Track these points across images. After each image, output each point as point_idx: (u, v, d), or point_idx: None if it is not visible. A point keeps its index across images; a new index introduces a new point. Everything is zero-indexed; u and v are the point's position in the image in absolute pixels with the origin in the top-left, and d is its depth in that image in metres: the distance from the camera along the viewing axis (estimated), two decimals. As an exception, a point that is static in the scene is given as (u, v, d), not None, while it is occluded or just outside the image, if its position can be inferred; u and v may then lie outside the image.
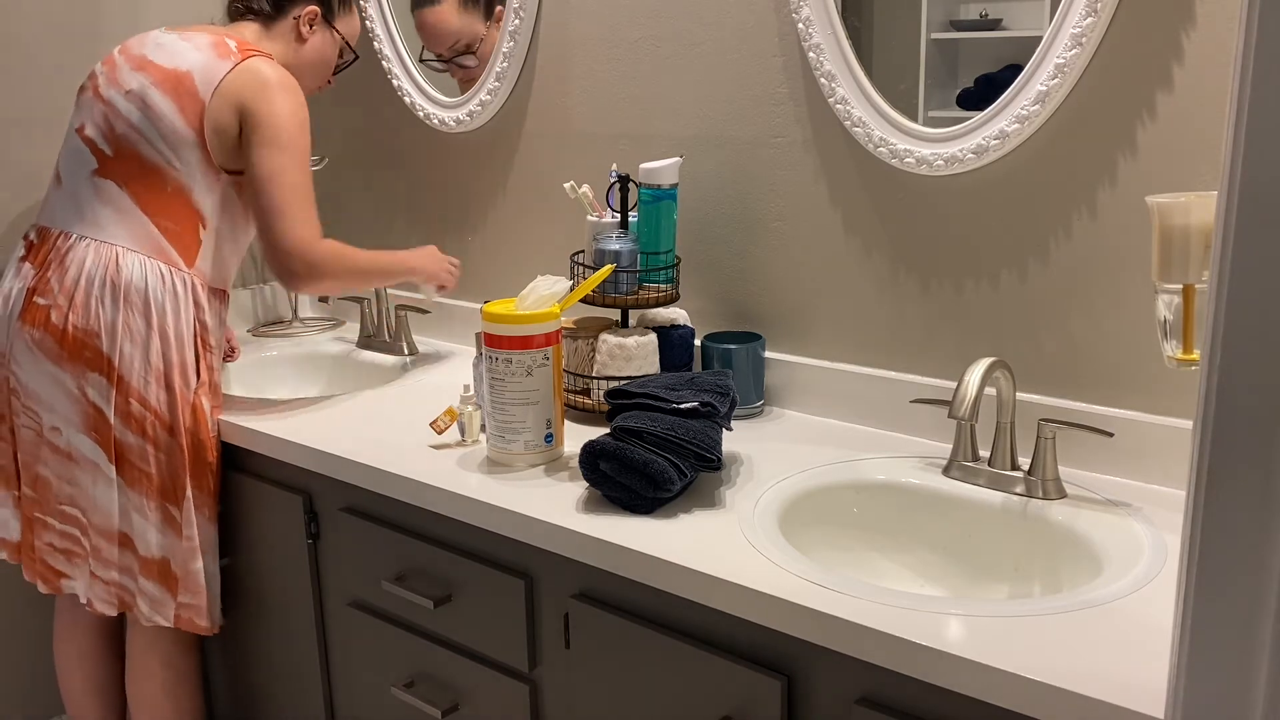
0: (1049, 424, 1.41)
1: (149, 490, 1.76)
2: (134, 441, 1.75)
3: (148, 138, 1.75)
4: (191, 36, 1.81)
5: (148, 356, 1.74)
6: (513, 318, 1.53)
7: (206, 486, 1.82)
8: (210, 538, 1.84)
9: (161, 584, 1.81)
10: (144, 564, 1.79)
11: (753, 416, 1.76)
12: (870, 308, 1.69)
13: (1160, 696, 0.96)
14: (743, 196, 1.79)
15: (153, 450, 1.76)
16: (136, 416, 1.74)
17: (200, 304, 1.79)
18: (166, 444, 1.77)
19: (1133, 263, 1.44)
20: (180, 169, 1.76)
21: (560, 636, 1.45)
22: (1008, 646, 1.07)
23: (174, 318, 1.76)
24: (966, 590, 1.42)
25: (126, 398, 1.73)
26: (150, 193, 1.76)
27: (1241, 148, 0.67)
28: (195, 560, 1.81)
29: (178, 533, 1.79)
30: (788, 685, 1.22)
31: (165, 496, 1.78)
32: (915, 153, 1.57)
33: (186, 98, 1.75)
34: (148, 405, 1.74)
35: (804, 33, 1.64)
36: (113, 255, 1.74)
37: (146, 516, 1.77)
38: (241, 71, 1.76)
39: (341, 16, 1.97)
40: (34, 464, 1.80)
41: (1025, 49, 1.45)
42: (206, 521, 1.83)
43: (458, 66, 2.13)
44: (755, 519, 1.37)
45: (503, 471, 1.56)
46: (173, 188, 1.76)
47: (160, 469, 1.77)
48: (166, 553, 1.79)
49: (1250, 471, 0.70)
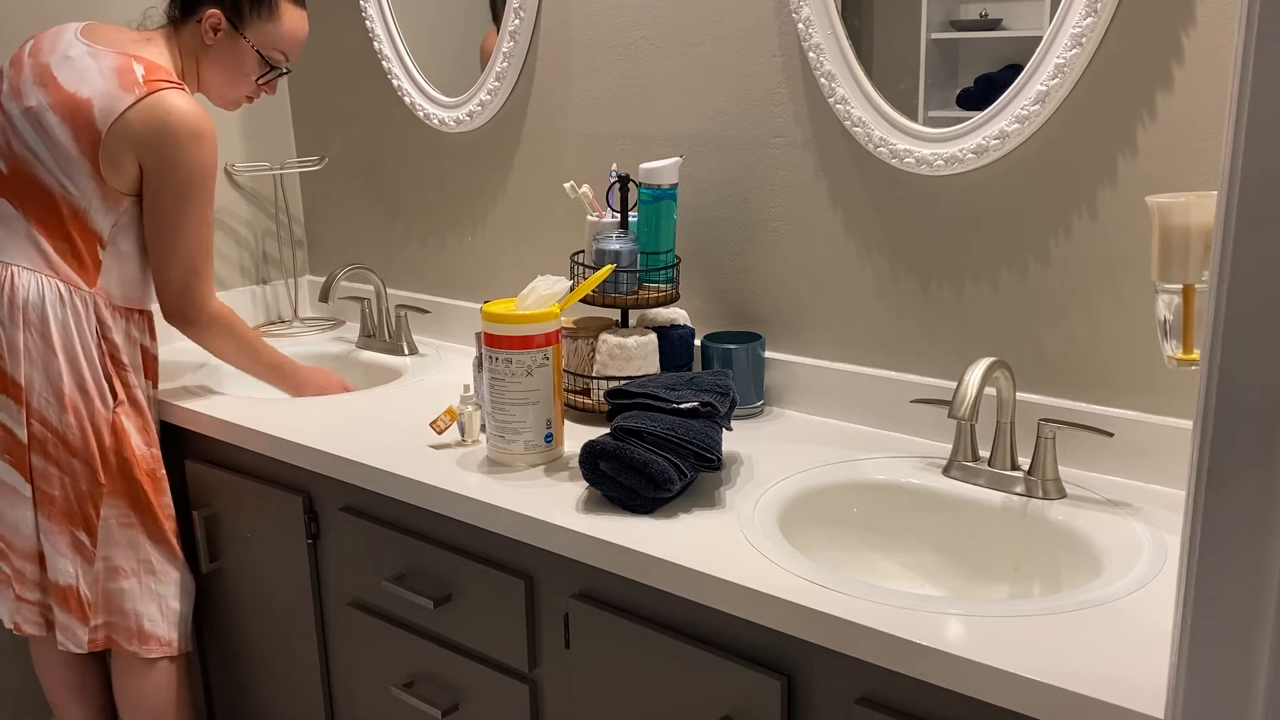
0: (1049, 424, 1.41)
1: (54, 514, 1.75)
2: (39, 464, 1.74)
3: (43, 161, 1.70)
4: (100, 55, 1.71)
5: (48, 376, 1.71)
6: (513, 318, 1.53)
7: (142, 504, 1.79)
8: (152, 556, 1.82)
9: (66, 610, 1.79)
10: (54, 589, 1.79)
11: (753, 416, 1.76)
12: (870, 308, 1.69)
13: (1160, 696, 0.96)
14: (743, 196, 1.79)
15: (56, 472, 1.74)
16: (39, 438, 1.73)
17: (105, 322, 1.76)
18: (69, 466, 1.74)
19: (1133, 263, 1.44)
20: (75, 194, 1.71)
21: (560, 636, 1.45)
22: (1008, 646, 1.07)
23: (77, 336, 1.72)
24: (966, 590, 1.42)
25: (31, 420, 1.72)
26: (45, 214, 1.72)
27: (1241, 148, 0.67)
28: (115, 580, 1.80)
29: (87, 557, 1.77)
30: (788, 685, 1.22)
31: (72, 521, 1.76)
32: (915, 153, 1.57)
33: (83, 127, 1.68)
34: (49, 426, 1.72)
35: (804, 33, 1.64)
36: (8, 274, 1.71)
37: (54, 541, 1.76)
38: (144, 110, 1.68)
39: (254, 24, 1.81)
40: None
41: (1025, 49, 1.45)
42: (144, 540, 1.81)
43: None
44: (755, 519, 1.37)
45: (503, 471, 1.56)
46: (69, 210, 1.72)
47: (66, 492, 1.75)
48: (74, 579, 1.78)
49: (1250, 471, 0.70)
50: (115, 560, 1.80)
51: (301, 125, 2.47)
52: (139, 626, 1.83)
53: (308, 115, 2.46)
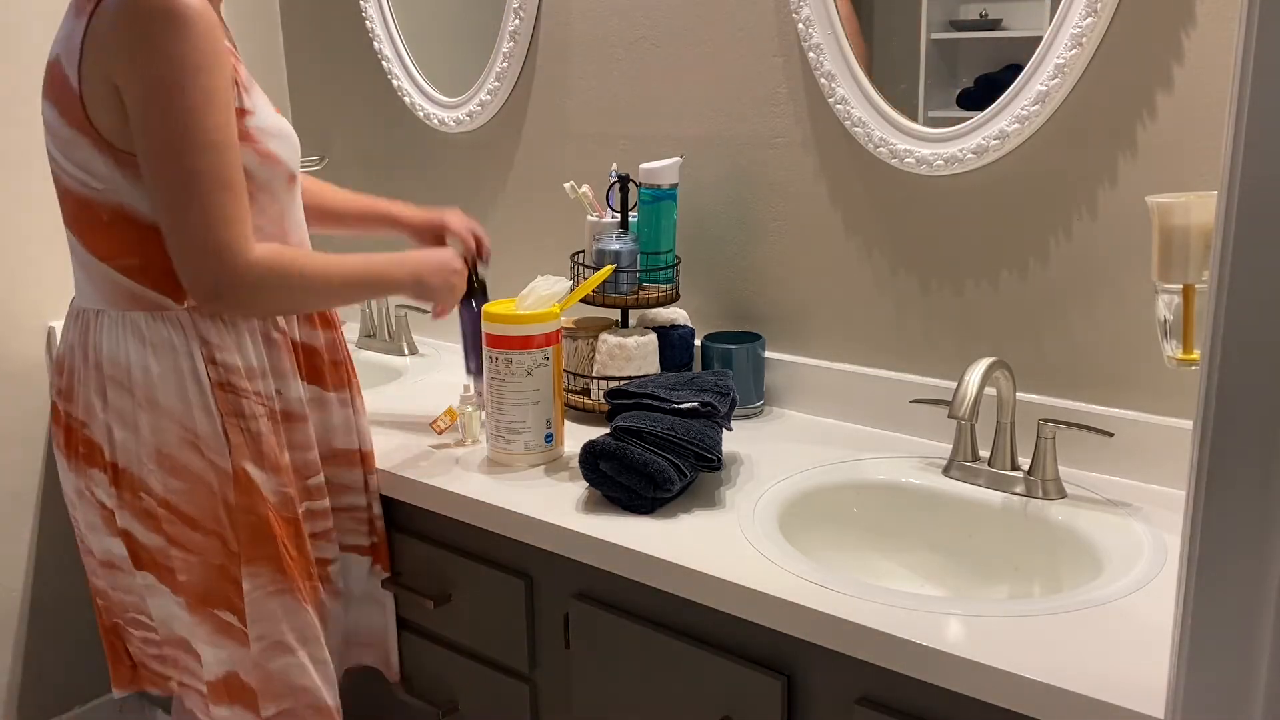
0: (1049, 424, 1.41)
1: (189, 599, 1.40)
2: (158, 544, 1.40)
3: (61, 165, 1.36)
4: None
5: (139, 436, 1.37)
6: (513, 318, 1.53)
7: (285, 566, 1.42)
8: (301, 622, 1.44)
9: (235, 704, 1.44)
10: (210, 686, 1.43)
11: (753, 416, 1.76)
12: (870, 308, 1.69)
13: (1160, 696, 0.96)
14: (743, 196, 1.79)
15: (178, 551, 1.39)
16: (151, 513, 1.39)
17: (210, 341, 1.37)
18: (190, 540, 1.38)
19: (1133, 263, 1.44)
20: (101, 187, 1.33)
21: (560, 636, 1.45)
22: (1008, 646, 1.07)
23: (173, 376, 1.36)
24: (966, 590, 1.42)
25: (134, 492, 1.39)
26: (93, 232, 1.36)
27: (1241, 148, 0.67)
28: (276, 658, 1.43)
29: (240, 640, 1.42)
30: (788, 685, 1.22)
31: (210, 602, 1.40)
32: (915, 153, 1.57)
33: (61, 92, 1.32)
34: (154, 496, 1.38)
35: (804, 33, 1.64)
36: (82, 322, 1.41)
37: (196, 632, 1.42)
38: (99, 21, 1.26)
39: None
40: (94, 574, 1.52)
41: (1025, 49, 1.45)
42: (295, 604, 1.44)
43: None
44: (755, 519, 1.37)
45: (503, 471, 1.56)
46: (109, 214, 1.34)
47: (193, 572, 1.39)
48: (234, 666, 1.43)
49: (1250, 471, 0.70)
50: (272, 635, 1.43)
51: (302, 125, 2.47)
52: (315, 702, 1.47)
53: (308, 115, 2.46)
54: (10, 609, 2.19)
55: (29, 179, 2.10)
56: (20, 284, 2.14)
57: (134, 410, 1.37)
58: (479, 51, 2.09)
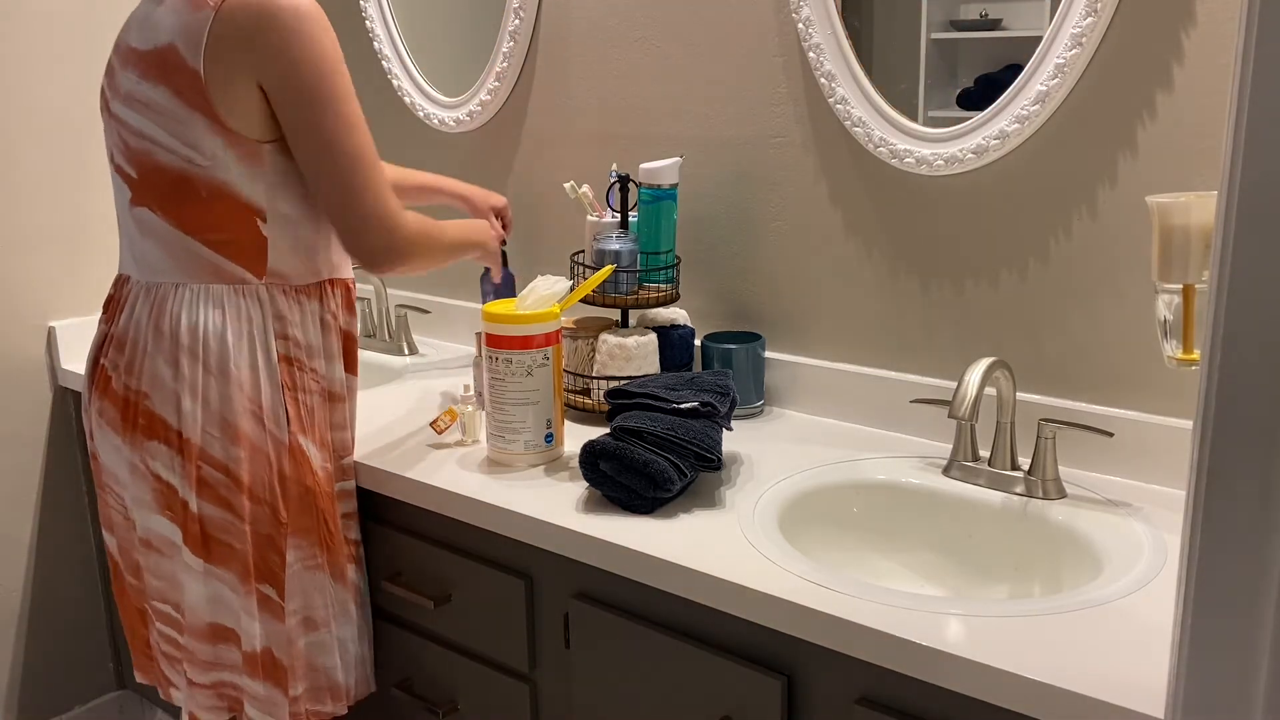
0: (1049, 424, 1.41)
1: (238, 571, 1.47)
2: (215, 514, 1.46)
3: (159, 142, 1.43)
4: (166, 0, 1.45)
5: (208, 406, 1.44)
6: (513, 318, 1.53)
7: (326, 538, 1.52)
8: (343, 598, 1.56)
9: (269, 680, 1.51)
10: (247, 659, 1.50)
11: (753, 416, 1.76)
12: (870, 307, 1.69)
13: (1160, 696, 0.96)
14: (743, 196, 1.79)
15: (235, 520, 1.46)
16: (209, 483, 1.45)
17: (283, 315, 1.47)
18: (245, 510, 1.46)
19: (1133, 263, 1.44)
20: (206, 163, 1.42)
21: (560, 636, 1.45)
22: (1008, 646, 1.07)
23: (246, 348, 1.46)
24: (966, 590, 1.42)
25: (196, 462, 1.45)
26: (186, 206, 1.44)
27: (1241, 148, 0.67)
28: (306, 634, 1.53)
29: (277, 615, 1.50)
30: (788, 685, 1.22)
31: (257, 575, 1.48)
32: (915, 153, 1.57)
33: (177, 75, 1.40)
34: (216, 465, 1.45)
35: (804, 33, 1.64)
36: (158, 295, 1.47)
37: (241, 604, 1.48)
38: (228, 15, 1.38)
39: None
40: (131, 550, 1.56)
41: (1025, 49, 1.45)
42: (329, 581, 1.54)
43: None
44: (755, 519, 1.37)
45: (503, 471, 1.56)
46: (208, 189, 1.43)
47: (245, 543, 1.47)
48: (269, 641, 1.50)
49: (1250, 471, 0.70)
50: (304, 611, 1.53)
51: (301, 125, 2.47)
52: (330, 682, 1.57)
53: (308, 115, 2.46)
54: (10, 609, 2.19)
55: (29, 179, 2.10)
56: (20, 284, 2.14)
57: (205, 379, 1.44)
58: (479, 51, 2.09)
